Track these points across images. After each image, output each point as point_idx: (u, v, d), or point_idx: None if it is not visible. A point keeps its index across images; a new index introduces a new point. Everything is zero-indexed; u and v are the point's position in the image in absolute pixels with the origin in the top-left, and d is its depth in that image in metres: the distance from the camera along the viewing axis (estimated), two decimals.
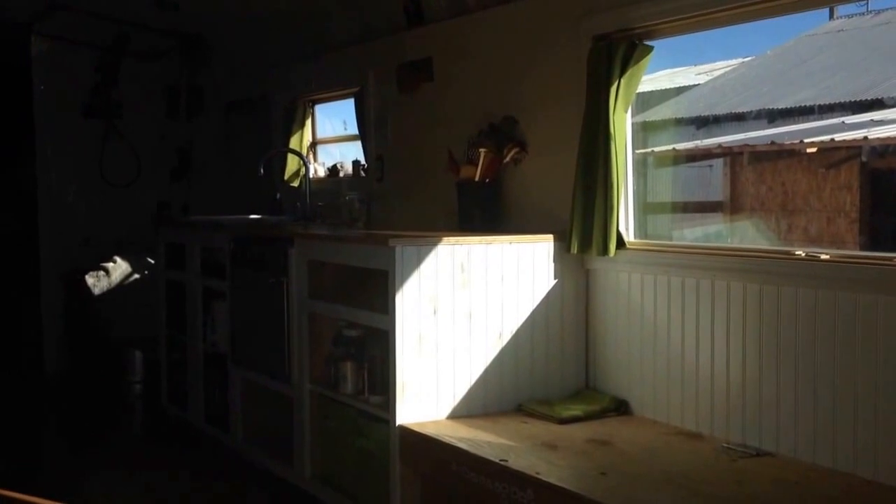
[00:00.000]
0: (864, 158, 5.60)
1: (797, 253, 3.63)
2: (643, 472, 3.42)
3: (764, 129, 6.70)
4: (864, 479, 3.32)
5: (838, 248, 4.21)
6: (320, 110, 7.08)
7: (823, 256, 3.53)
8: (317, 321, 4.75)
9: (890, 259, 3.34)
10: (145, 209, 8.11)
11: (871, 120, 5.62)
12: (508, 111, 4.86)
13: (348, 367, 4.45)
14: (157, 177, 8.27)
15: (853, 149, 5.68)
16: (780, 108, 6.86)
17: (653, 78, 5.24)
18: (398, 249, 4.04)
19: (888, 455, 3.28)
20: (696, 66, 7.83)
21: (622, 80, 4.09)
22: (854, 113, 5.90)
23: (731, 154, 6.61)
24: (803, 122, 6.45)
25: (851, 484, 3.31)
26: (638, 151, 4.51)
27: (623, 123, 4.19)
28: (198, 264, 5.97)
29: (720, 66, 7.74)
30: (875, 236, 5.33)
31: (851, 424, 3.38)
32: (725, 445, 3.74)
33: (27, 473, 5.45)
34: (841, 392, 3.41)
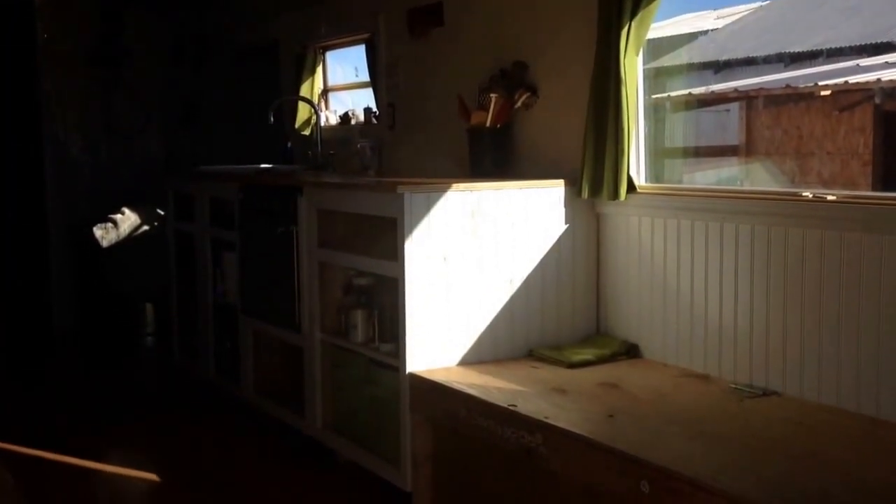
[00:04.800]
0: (877, 101, 5.53)
1: (804, 194, 3.60)
2: (651, 414, 3.42)
3: (780, 72, 6.62)
4: (868, 417, 3.34)
5: (851, 190, 4.16)
6: (331, 57, 7.01)
7: (830, 197, 3.50)
8: (327, 270, 4.74)
9: (895, 199, 3.32)
10: (153, 160, 8.07)
11: (886, 62, 5.54)
12: (519, 56, 4.82)
13: (358, 316, 4.45)
14: (165, 127, 8.22)
15: (867, 91, 5.61)
16: (795, 51, 6.78)
17: (673, 22, 5.16)
18: (407, 196, 4.01)
19: (890, 393, 3.29)
20: (715, 10, 7.74)
21: (633, 24, 4.04)
22: (868, 56, 5.82)
23: (746, 98, 6.54)
24: (818, 65, 6.36)
25: (855, 422, 3.32)
26: (655, 96, 4.47)
27: (634, 67, 4.14)
28: (207, 215, 5.96)
29: (741, 10, 7.63)
30: (887, 178, 5.28)
31: (855, 364, 3.39)
32: (733, 386, 3.74)
33: (37, 429, 5.48)
34: (845, 332, 3.41)
